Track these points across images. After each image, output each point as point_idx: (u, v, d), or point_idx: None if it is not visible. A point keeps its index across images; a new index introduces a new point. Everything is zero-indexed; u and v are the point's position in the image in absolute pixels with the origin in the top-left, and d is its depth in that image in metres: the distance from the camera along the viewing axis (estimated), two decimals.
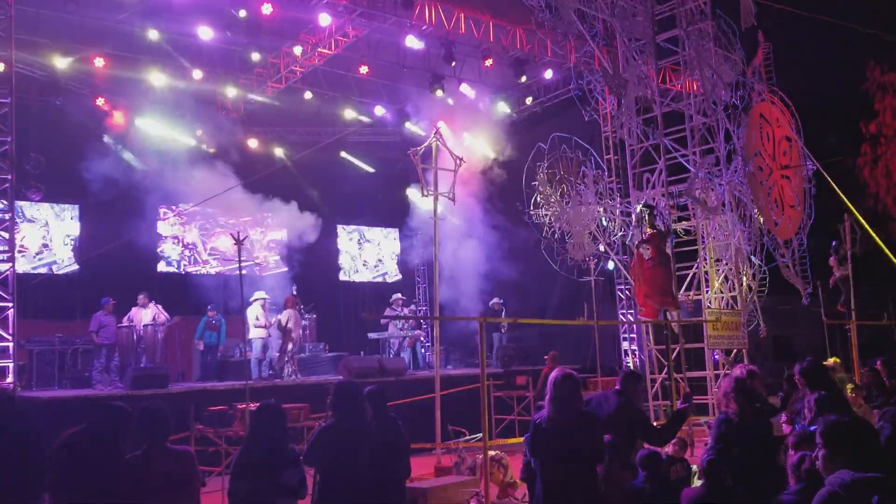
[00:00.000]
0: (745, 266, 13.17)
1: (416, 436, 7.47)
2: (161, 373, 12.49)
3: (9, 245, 11.11)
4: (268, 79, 16.92)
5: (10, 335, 10.82)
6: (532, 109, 19.14)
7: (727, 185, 12.96)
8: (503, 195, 18.76)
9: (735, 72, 13.66)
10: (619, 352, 16.72)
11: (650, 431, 6.02)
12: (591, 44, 13.17)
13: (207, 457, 8.99)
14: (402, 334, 16.97)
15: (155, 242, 17.89)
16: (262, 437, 5.09)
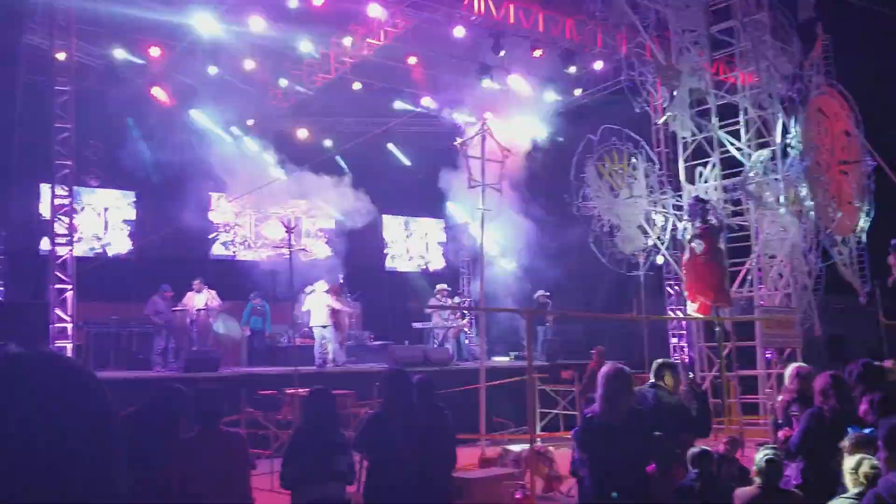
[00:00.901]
0: (801, 263, 12.89)
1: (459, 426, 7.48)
2: (213, 356, 12.73)
3: (69, 230, 11.41)
4: (318, 69, 17.03)
5: (69, 316, 11.14)
6: (581, 101, 18.95)
7: (783, 179, 12.70)
8: (550, 187, 18.66)
9: (792, 64, 13.36)
10: (668, 348, 16.50)
11: (691, 420, 5.94)
12: (644, 34, 13.00)
13: (257, 440, 9.14)
14: (446, 325, 17.00)
15: (207, 229, 18.23)
16: (313, 423, 5.17)
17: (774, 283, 12.97)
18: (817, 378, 5.68)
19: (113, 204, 17.25)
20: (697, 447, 5.66)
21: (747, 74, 13.40)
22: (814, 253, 13.10)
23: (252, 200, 18.17)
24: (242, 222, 19.05)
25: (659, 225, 13.92)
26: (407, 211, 21.68)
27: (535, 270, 17.47)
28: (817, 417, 5.39)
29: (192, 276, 14.39)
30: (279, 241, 18.12)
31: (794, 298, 12.73)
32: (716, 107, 13.13)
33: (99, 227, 17.08)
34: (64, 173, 11.42)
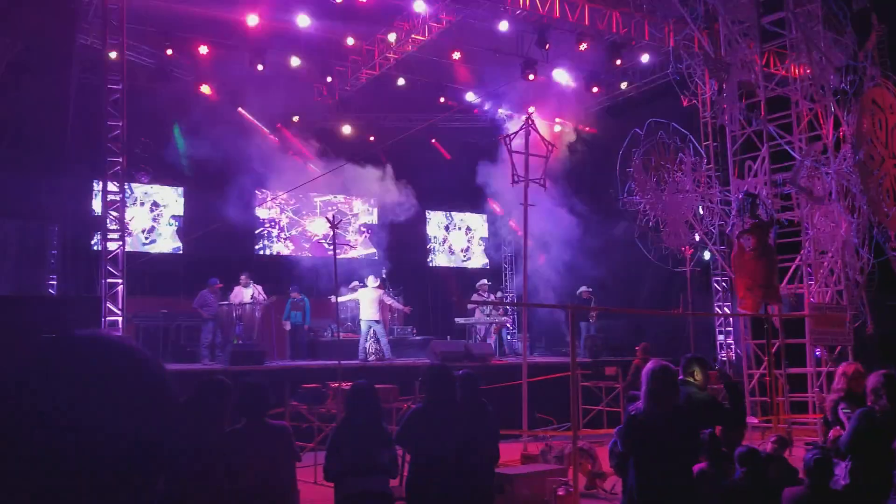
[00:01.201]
0: (853, 259, 12.58)
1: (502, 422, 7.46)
2: (258, 350, 12.90)
3: (119, 225, 11.66)
4: (362, 65, 17.14)
5: (119, 310, 11.39)
6: (627, 94, 18.76)
7: (835, 173, 12.41)
8: (594, 182, 18.51)
9: (845, 55, 13.03)
10: (715, 345, 16.26)
11: (724, 414, 5.83)
12: (692, 26, 12.80)
13: (301, 433, 9.23)
14: (488, 320, 16.98)
15: (253, 224, 18.49)
16: (357, 416, 5.20)
17: (825, 279, 12.69)
18: (869, 377, 5.57)
19: (162, 200, 17.60)
20: (745, 446, 5.57)
21: (799, 66, 13.11)
22: (866, 249, 12.77)
23: (296, 196, 18.38)
24: (287, 218, 19.27)
25: (706, 220, 13.72)
26: (450, 206, 21.70)
27: (578, 266, 17.35)
28: (868, 417, 5.28)
29: (238, 271, 14.61)
30: (323, 238, 18.37)
31: (846, 295, 12.43)
32: (766, 99, 12.87)
33: (148, 222, 17.44)
34: (115, 170, 11.66)
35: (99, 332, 1.03)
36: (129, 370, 0.97)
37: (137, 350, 1.01)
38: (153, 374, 0.99)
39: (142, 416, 0.94)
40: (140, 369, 0.98)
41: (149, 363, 1.00)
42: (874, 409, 5.37)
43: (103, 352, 0.98)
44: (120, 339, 1.02)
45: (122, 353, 0.99)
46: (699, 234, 13.64)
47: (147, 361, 1.00)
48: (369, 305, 14.56)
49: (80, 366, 0.93)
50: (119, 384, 0.94)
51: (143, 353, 1.02)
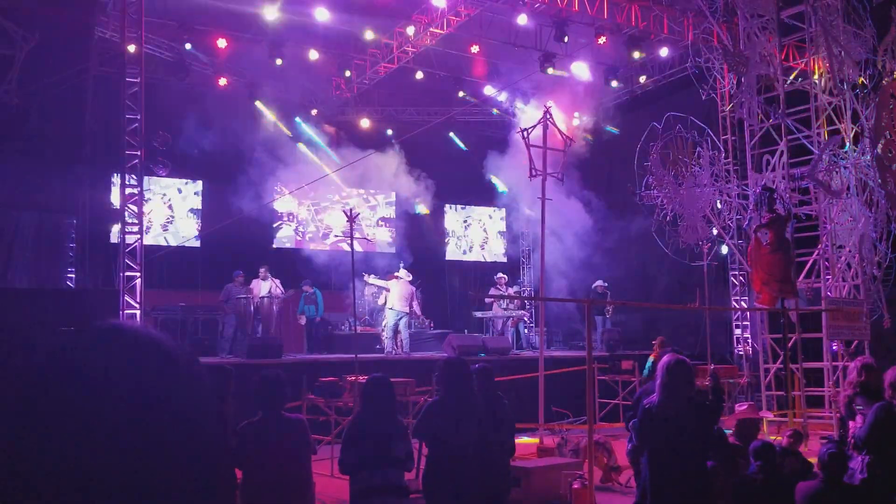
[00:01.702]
0: (870, 253, 12.49)
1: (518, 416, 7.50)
2: (276, 343, 12.97)
3: (138, 218, 11.76)
4: (381, 59, 17.16)
5: (137, 303, 11.49)
6: (646, 88, 18.68)
7: (853, 168, 12.31)
8: (612, 176, 18.46)
9: (864, 49, 12.91)
10: (731, 339, 16.20)
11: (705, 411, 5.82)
12: (711, 20, 12.72)
13: (318, 426, 9.29)
14: (506, 314, 17.00)
15: (271, 218, 18.57)
16: (373, 409, 5.23)
17: (842, 273, 12.61)
18: (888, 371, 5.54)
19: (180, 193, 17.71)
20: (760, 440, 5.57)
21: (818, 60, 13.00)
22: (884, 243, 12.68)
23: (315, 189, 18.45)
24: (305, 211, 19.35)
25: (724, 214, 13.65)
26: (467, 200, 21.70)
27: (594, 260, 17.32)
28: (886, 411, 5.26)
29: (257, 264, 14.68)
30: (341, 231, 18.41)
31: (863, 290, 12.35)
32: (784, 93, 12.79)
33: (166, 215, 17.56)
34: (133, 163, 11.75)
35: (121, 322, 1.03)
36: (158, 361, 0.96)
37: (164, 340, 1.00)
38: (185, 363, 0.98)
39: (174, 407, 0.94)
40: (170, 359, 0.97)
41: (178, 353, 0.99)
42: (892, 403, 5.34)
43: (130, 343, 0.97)
44: (144, 330, 1.01)
45: (149, 344, 0.98)
46: (717, 229, 13.58)
47: (176, 351, 0.99)
48: (401, 297, 14.62)
49: (107, 358, 0.91)
50: (149, 376, 0.94)
51: (171, 343, 1.00)
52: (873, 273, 12.56)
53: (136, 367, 0.93)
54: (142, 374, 0.92)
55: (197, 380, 0.97)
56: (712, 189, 13.42)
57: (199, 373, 0.99)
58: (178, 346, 0.99)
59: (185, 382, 0.96)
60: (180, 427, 0.92)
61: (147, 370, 0.93)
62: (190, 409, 0.95)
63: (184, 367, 0.97)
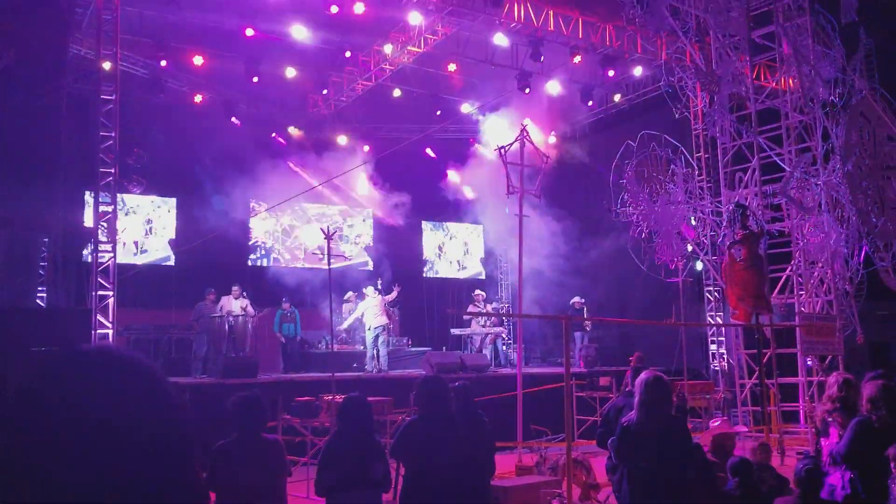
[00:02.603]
0: (842, 269, 12.67)
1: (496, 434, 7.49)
2: (251, 362, 12.85)
3: (110, 236, 11.63)
4: (358, 76, 17.20)
5: (110, 322, 11.34)
6: (620, 107, 18.88)
7: (824, 184, 12.50)
8: (588, 193, 18.58)
9: (834, 68, 13.15)
10: (707, 355, 16.32)
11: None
12: (684, 40, 12.90)
13: (293, 447, 9.21)
14: (484, 331, 17.00)
15: (246, 236, 18.46)
16: (349, 430, 5.18)
17: (815, 289, 12.76)
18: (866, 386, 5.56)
19: (154, 211, 17.56)
20: (737, 456, 5.60)
21: (788, 79, 13.23)
22: (856, 259, 12.87)
23: (291, 207, 18.39)
24: (281, 229, 19.26)
25: (698, 231, 13.79)
26: (445, 217, 21.74)
27: (570, 276, 17.39)
28: (865, 426, 5.28)
29: (231, 282, 14.58)
30: (318, 249, 18.35)
31: (836, 305, 12.51)
32: (756, 112, 12.98)
33: (140, 233, 17.39)
34: (108, 180, 11.64)
35: (105, 344, 1.04)
36: (139, 383, 0.97)
37: (144, 362, 1.01)
38: (162, 385, 1.00)
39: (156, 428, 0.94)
40: (149, 381, 0.98)
41: (156, 375, 1.00)
42: (871, 418, 5.36)
43: (112, 365, 0.98)
44: (126, 353, 1.02)
45: (130, 366, 0.99)
46: (691, 245, 13.71)
47: (159, 375, 1.00)
48: (375, 313, 14.60)
49: (90, 380, 0.93)
50: (131, 397, 0.94)
51: (150, 365, 1.02)
52: (845, 288, 12.73)
53: (125, 388, 0.94)
54: (131, 396, 0.93)
55: (178, 401, 0.99)
56: (686, 206, 13.56)
57: (180, 395, 1.00)
58: (160, 371, 1.01)
59: (168, 404, 0.98)
60: (166, 446, 0.94)
61: (135, 392, 0.94)
62: (174, 429, 0.96)
63: (167, 390, 0.98)
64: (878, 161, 13.25)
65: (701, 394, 12.54)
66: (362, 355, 15.27)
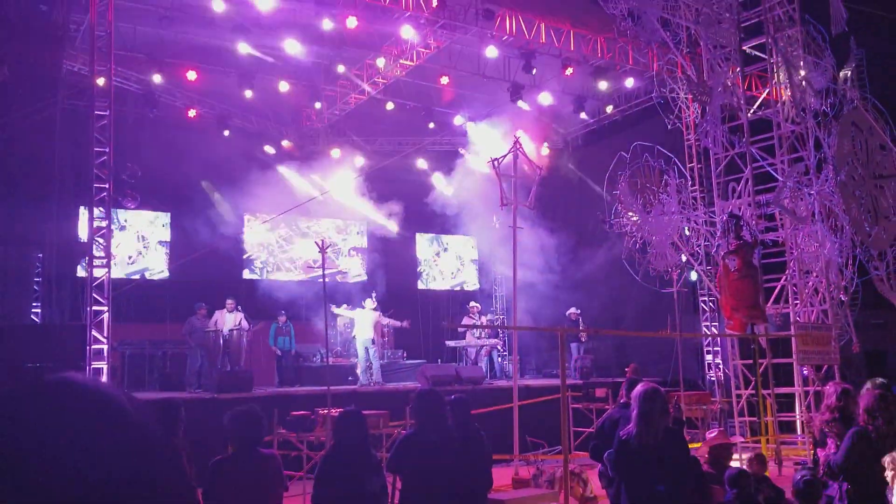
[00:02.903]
0: (837, 278, 12.70)
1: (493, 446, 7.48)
2: (245, 377, 12.80)
3: (105, 251, 11.60)
4: (351, 90, 17.25)
5: (104, 338, 11.29)
6: (612, 118, 18.95)
7: (817, 194, 12.55)
8: (581, 204, 18.62)
9: (825, 79, 13.24)
10: (703, 365, 16.32)
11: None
12: (675, 51, 12.97)
13: (289, 461, 9.16)
14: (479, 343, 16.99)
15: (241, 249, 18.44)
16: (346, 444, 5.16)
17: (810, 298, 12.79)
18: (863, 396, 5.56)
19: (149, 225, 17.54)
20: (735, 468, 5.59)
21: (780, 89, 13.30)
22: (850, 268, 12.90)
23: (285, 220, 18.38)
24: (275, 242, 19.25)
25: (692, 241, 13.82)
26: (439, 229, 21.73)
27: (565, 287, 17.40)
28: (863, 437, 5.27)
29: (226, 296, 14.55)
30: (312, 262, 18.34)
31: (831, 314, 12.54)
32: (748, 122, 13.05)
33: (135, 248, 17.36)
34: (102, 196, 11.62)
35: (68, 376, 1.02)
36: (100, 416, 0.96)
37: (109, 393, 0.99)
38: (127, 417, 0.98)
39: (117, 462, 0.93)
40: (114, 413, 0.97)
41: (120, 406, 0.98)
42: (868, 428, 5.35)
43: (72, 398, 0.95)
44: (94, 383, 1.00)
45: (92, 398, 0.97)
46: (685, 255, 13.73)
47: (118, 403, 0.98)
48: (368, 326, 14.59)
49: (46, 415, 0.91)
50: (90, 432, 0.93)
51: (121, 396, 1.00)
52: (840, 298, 12.76)
53: (86, 422, 0.93)
54: (93, 429, 0.92)
55: (149, 431, 0.98)
56: (680, 216, 13.60)
57: (151, 424, 0.99)
58: (129, 398, 1.00)
59: (136, 435, 0.96)
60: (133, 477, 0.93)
61: (97, 425, 0.93)
62: (143, 460, 0.95)
63: (134, 420, 0.97)
64: (870, 170, 13.32)
65: (697, 404, 12.53)
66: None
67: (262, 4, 12.86)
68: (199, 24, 14.20)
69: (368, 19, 13.91)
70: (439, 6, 13.81)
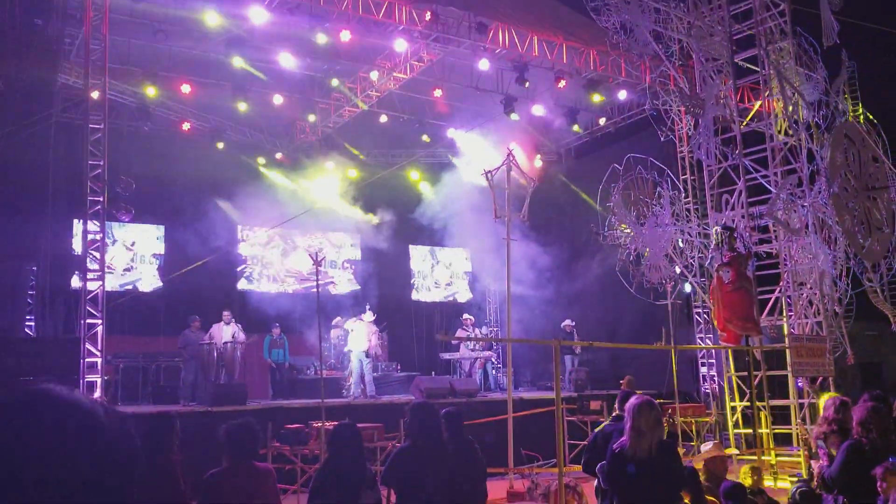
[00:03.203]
0: (831, 290, 12.73)
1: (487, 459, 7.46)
2: (240, 389, 12.77)
3: (99, 264, 11.58)
4: (345, 103, 17.30)
5: (98, 351, 11.25)
6: (605, 130, 19.02)
7: (811, 206, 12.60)
8: (575, 216, 18.67)
9: (817, 91, 13.32)
10: (698, 378, 16.32)
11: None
12: (667, 64, 13.04)
13: (283, 475, 9.13)
14: (473, 355, 16.96)
15: (235, 262, 18.41)
16: (340, 457, 5.14)
17: (804, 310, 12.81)
18: (856, 409, 5.56)
19: (143, 238, 17.51)
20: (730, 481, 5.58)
21: (772, 101, 13.37)
22: (843, 279, 12.94)
23: (279, 232, 18.38)
24: (269, 255, 19.22)
25: (686, 253, 13.85)
26: (433, 241, 21.73)
27: (558, 299, 17.41)
28: (856, 450, 5.27)
29: (220, 309, 14.52)
30: (306, 274, 18.33)
31: (825, 326, 12.56)
32: (741, 134, 13.11)
33: (129, 261, 17.32)
34: (96, 209, 11.61)
35: (46, 387, 1.02)
36: (74, 426, 0.97)
37: (85, 404, 1.00)
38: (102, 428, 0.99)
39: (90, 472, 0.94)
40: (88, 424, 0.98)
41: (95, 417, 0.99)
42: (861, 441, 5.36)
43: (48, 409, 0.96)
44: (67, 395, 0.99)
45: (67, 409, 0.98)
46: (679, 267, 13.76)
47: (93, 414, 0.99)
48: (363, 338, 14.57)
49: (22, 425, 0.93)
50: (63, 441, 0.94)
51: (91, 407, 1.00)
52: (834, 309, 12.78)
53: (60, 432, 0.93)
54: (67, 438, 0.93)
55: (124, 439, 0.98)
56: (674, 228, 13.63)
57: (127, 433, 1.00)
58: (107, 410, 1.00)
59: (111, 443, 0.97)
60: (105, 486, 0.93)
61: (71, 434, 0.94)
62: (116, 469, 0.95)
63: (110, 428, 0.97)
64: (863, 182, 13.38)
65: (692, 417, 12.53)
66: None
67: (256, 18, 12.89)
68: (194, 37, 14.24)
69: (362, 33, 13.96)
70: (432, 20, 13.88)
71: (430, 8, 13.89)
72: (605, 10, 12.24)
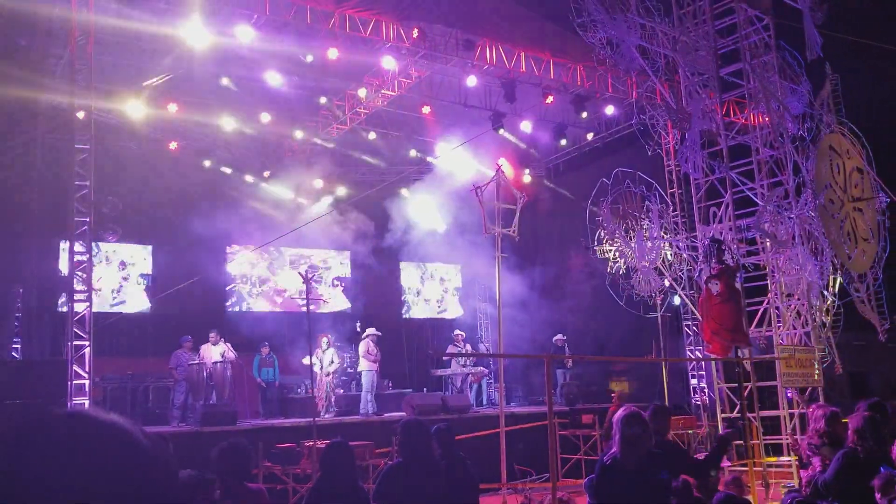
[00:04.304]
0: (818, 301, 12.79)
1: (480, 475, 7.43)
2: (230, 410, 12.69)
3: (86, 286, 11.49)
4: (333, 120, 17.33)
5: (86, 373, 11.14)
6: (593, 145, 19.12)
7: (797, 218, 12.67)
8: (564, 231, 18.73)
9: (802, 104, 13.43)
10: (688, 389, 16.34)
11: (692, 464, 5.86)
12: (654, 79, 13.13)
13: (275, 495, 9.07)
14: (464, 371, 16.92)
15: (224, 281, 18.33)
16: (333, 476, 5.12)
17: (792, 321, 12.86)
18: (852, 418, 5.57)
19: (130, 258, 17.41)
20: (723, 492, 5.58)
21: (758, 115, 13.48)
22: (830, 290, 13.00)
23: (268, 251, 18.32)
24: (258, 274, 19.15)
25: (675, 266, 13.90)
26: (423, 257, 21.72)
27: (549, 314, 17.41)
28: (851, 458, 5.28)
29: (209, 329, 14.44)
30: (296, 292, 18.29)
31: (813, 337, 12.61)
32: (727, 147, 13.19)
33: (116, 282, 17.21)
34: (82, 230, 11.53)
35: (80, 410, 1.00)
36: (120, 451, 0.95)
37: (121, 425, 0.98)
38: (142, 447, 0.97)
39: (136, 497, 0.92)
40: (128, 446, 0.96)
41: (134, 437, 0.97)
42: (856, 449, 5.37)
43: (88, 433, 0.95)
44: (101, 416, 0.99)
45: (107, 431, 0.96)
46: (668, 280, 13.80)
47: (132, 435, 0.97)
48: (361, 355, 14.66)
49: (65, 449, 0.90)
50: (109, 466, 0.92)
51: (127, 428, 0.99)
52: (822, 320, 12.83)
53: (101, 454, 0.91)
54: (107, 462, 0.91)
55: (162, 462, 0.97)
56: (662, 241, 13.68)
57: (163, 455, 0.98)
58: (144, 433, 0.98)
59: (150, 466, 0.95)
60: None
61: (111, 457, 0.92)
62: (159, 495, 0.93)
63: (147, 450, 0.95)
64: (848, 193, 13.49)
65: (684, 429, 12.52)
66: (341, 399, 15.20)
67: (243, 37, 12.91)
68: (181, 56, 14.24)
69: (349, 50, 14.00)
70: (420, 37, 13.94)
71: (418, 25, 13.96)
72: (592, 26, 12.31)
